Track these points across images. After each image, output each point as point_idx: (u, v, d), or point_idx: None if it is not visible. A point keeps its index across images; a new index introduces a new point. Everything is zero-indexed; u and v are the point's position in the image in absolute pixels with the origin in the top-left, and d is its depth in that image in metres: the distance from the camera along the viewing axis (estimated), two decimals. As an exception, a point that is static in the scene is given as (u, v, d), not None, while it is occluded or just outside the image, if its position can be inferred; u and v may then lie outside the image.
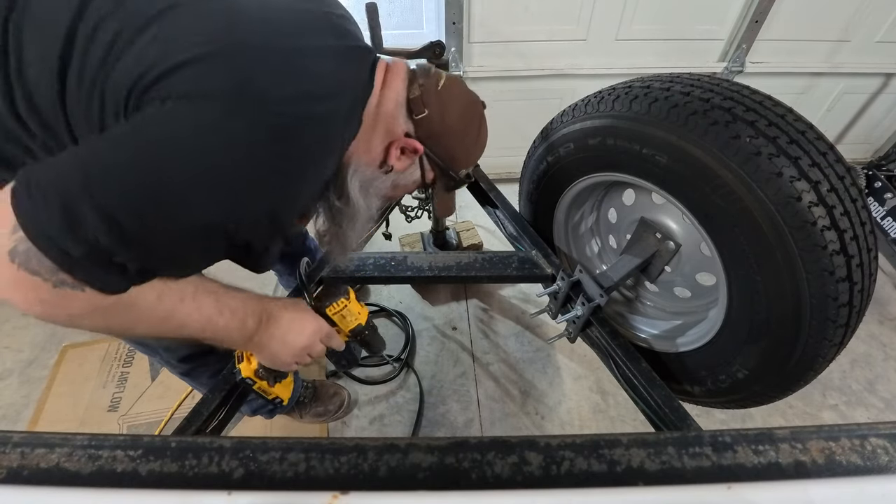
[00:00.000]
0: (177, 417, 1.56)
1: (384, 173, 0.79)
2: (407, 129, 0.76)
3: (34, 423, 1.53)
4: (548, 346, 1.81)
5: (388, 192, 0.84)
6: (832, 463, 0.38)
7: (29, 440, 0.39)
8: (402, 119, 0.75)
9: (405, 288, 1.99)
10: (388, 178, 0.80)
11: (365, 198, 0.79)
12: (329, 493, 0.35)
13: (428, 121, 0.76)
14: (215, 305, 0.67)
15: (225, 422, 0.90)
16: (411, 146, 0.77)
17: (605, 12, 1.93)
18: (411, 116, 0.76)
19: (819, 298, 0.75)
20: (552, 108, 1.26)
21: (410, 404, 1.62)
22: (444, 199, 0.98)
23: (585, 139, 1.00)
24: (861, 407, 1.66)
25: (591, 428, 1.58)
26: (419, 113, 0.75)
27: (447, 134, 0.80)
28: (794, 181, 0.72)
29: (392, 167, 0.79)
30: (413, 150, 0.78)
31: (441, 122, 0.77)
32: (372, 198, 0.80)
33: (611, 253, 1.31)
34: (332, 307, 0.84)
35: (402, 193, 0.91)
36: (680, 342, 1.06)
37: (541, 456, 0.38)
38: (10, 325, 1.81)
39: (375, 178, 0.79)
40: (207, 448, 0.39)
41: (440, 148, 0.81)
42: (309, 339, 0.80)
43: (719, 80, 0.87)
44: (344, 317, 0.86)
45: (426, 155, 0.81)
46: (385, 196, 0.85)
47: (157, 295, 0.60)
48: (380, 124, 0.74)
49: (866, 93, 2.37)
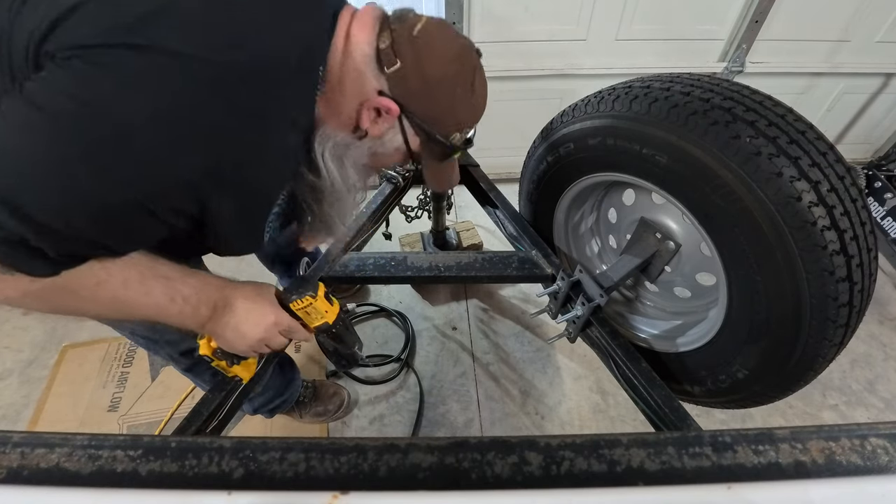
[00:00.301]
0: (177, 417, 1.56)
1: (358, 139, 0.70)
2: (379, 86, 0.65)
3: (34, 423, 1.53)
4: (548, 346, 1.81)
5: (367, 161, 0.75)
6: (832, 463, 0.38)
7: (29, 440, 0.39)
8: (371, 74, 0.65)
9: (405, 288, 1.99)
10: (364, 145, 0.71)
11: (339, 168, 0.71)
12: (329, 493, 0.35)
13: (402, 75, 0.64)
14: (165, 292, 0.63)
15: (225, 422, 0.90)
16: (385, 106, 0.66)
17: (605, 12, 1.93)
18: (382, 70, 0.64)
19: (819, 298, 0.75)
20: (552, 108, 1.26)
21: (410, 404, 1.62)
22: (437, 170, 0.83)
23: (585, 139, 1.00)
24: (861, 407, 1.66)
25: (591, 428, 1.58)
26: (390, 65, 0.64)
27: (428, 89, 0.66)
28: (794, 181, 0.72)
29: (366, 132, 0.69)
30: (388, 111, 0.67)
31: (419, 75, 0.64)
32: (348, 168, 0.72)
33: (611, 253, 1.31)
34: (296, 303, 0.79)
35: (384, 163, 0.80)
36: (680, 342, 1.06)
37: (541, 456, 0.38)
38: (10, 325, 1.81)
39: (349, 145, 0.70)
40: (207, 448, 0.39)
41: (421, 107, 0.68)
42: (266, 331, 0.75)
43: (719, 80, 0.87)
44: (308, 314, 0.81)
45: (406, 116, 0.69)
46: (364, 167, 0.76)
47: (96, 280, 0.57)
48: (347, 82, 0.65)
49: (866, 93, 2.37)
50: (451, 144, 0.74)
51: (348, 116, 0.68)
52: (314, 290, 0.79)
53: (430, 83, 0.66)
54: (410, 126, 0.71)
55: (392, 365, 1.72)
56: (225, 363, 0.82)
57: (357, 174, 0.75)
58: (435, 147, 0.74)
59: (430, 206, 1.83)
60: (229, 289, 0.72)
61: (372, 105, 0.67)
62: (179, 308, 0.65)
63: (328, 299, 0.82)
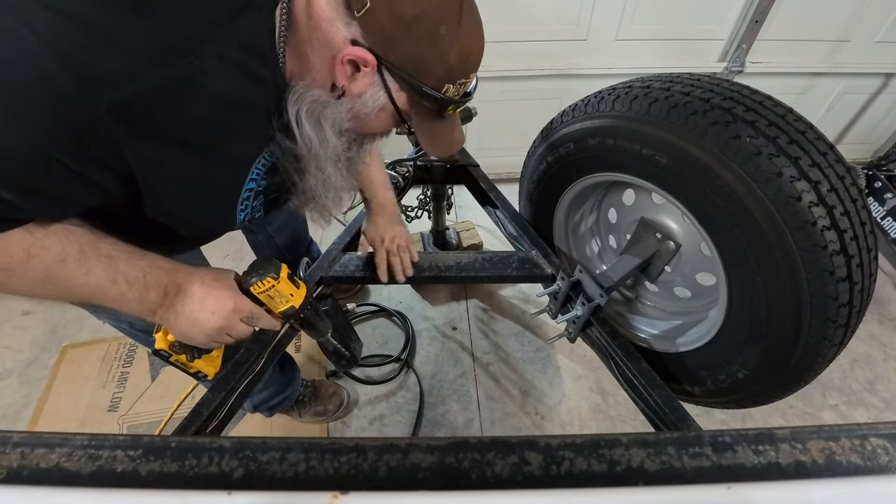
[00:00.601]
0: (177, 417, 1.56)
1: (336, 98, 0.63)
2: (351, 34, 0.58)
3: (34, 423, 1.53)
4: (548, 346, 1.81)
5: (348, 123, 0.67)
6: (832, 463, 0.38)
7: (29, 440, 0.39)
8: (341, 21, 0.57)
9: (405, 288, 1.99)
10: (343, 104, 0.64)
11: (317, 131, 0.64)
12: (329, 493, 0.35)
13: (373, 17, 0.56)
14: (107, 273, 0.58)
15: (225, 422, 0.90)
16: (360, 58, 0.58)
17: (605, 12, 1.94)
18: (353, 15, 0.57)
19: (819, 298, 0.75)
20: (552, 108, 1.26)
21: (410, 404, 1.62)
22: (430, 131, 0.71)
23: (585, 139, 1.00)
24: (861, 407, 1.66)
25: (591, 428, 1.58)
26: (360, 7, 0.56)
27: (405, 31, 0.57)
28: (794, 181, 0.72)
29: (344, 90, 0.62)
30: (365, 64, 0.59)
31: (391, 14, 0.56)
32: (326, 132, 0.65)
33: (611, 253, 1.31)
34: (256, 286, 0.71)
35: (371, 128, 0.71)
36: (680, 342, 1.06)
37: (541, 456, 0.38)
38: (10, 325, 1.81)
39: (325, 104, 0.63)
40: (207, 448, 0.39)
41: (401, 54, 0.59)
42: (225, 319, 0.68)
43: (719, 80, 0.86)
44: (272, 297, 0.74)
45: (385, 68, 0.60)
46: (345, 130, 0.68)
47: (27, 254, 0.53)
48: (314, 32, 0.58)
49: (866, 93, 2.37)
50: (444, 97, 0.63)
51: (322, 73, 0.61)
52: (276, 272, 0.72)
53: (406, 22, 0.57)
54: (393, 80, 0.61)
55: (392, 365, 1.72)
56: (185, 357, 0.75)
57: (339, 140, 0.68)
58: (426, 102, 0.64)
59: (430, 205, 1.83)
60: (182, 273, 0.66)
61: (346, 57, 0.59)
62: (122, 290, 0.60)
63: (293, 281, 0.75)
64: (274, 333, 0.94)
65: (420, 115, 0.67)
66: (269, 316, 0.75)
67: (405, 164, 1.45)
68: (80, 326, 1.81)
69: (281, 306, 0.75)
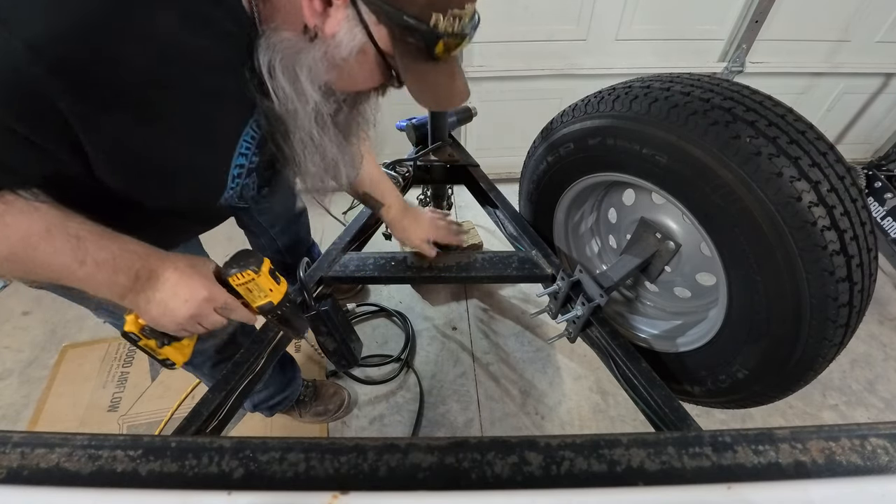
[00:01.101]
0: (177, 417, 1.56)
1: (309, 41, 0.56)
2: None
3: (34, 423, 1.53)
4: (548, 346, 1.81)
5: (327, 74, 0.59)
6: (832, 463, 0.38)
7: (29, 440, 0.39)
8: None
9: (405, 288, 1.99)
10: (316, 48, 0.57)
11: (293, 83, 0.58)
12: (329, 493, 0.35)
13: None
14: (74, 253, 0.55)
15: (225, 422, 0.90)
16: None
17: (605, 12, 1.94)
18: None
19: (819, 298, 0.75)
20: (552, 108, 1.26)
21: (410, 404, 1.62)
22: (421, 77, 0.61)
23: (585, 139, 1.00)
24: (861, 407, 1.66)
25: (591, 428, 1.58)
26: None
27: None
28: (794, 181, 0.72)
29: (317, 30, 0.55)
30: None
31: None
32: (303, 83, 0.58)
33: (611, 253, 1.31)
34: (235, 277, 0.70)
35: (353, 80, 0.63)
36: (680, 342, 1.06)
37: (541, 456, 0.38)
38: (10, 325, 1.81)
39: (298, 50, 0.57)
40: (207, 448, 0.39)
41: None
42: (198, 308, 0.65)
43: (719, 80, 0.86)
44: (250, 290, 0.73)
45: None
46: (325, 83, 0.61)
47: None
48: None
49: (866, 93, 2.37)
50: (433, 30, 0.54)
51: (291, 12, 0.55)
52: (258, 265, 0.70)
53: None
54: (369, 11, 0.53)
55: (392, 365, 1.72)
56: (154, 343, 0.73)
57: (321, 97, 0.61)
58: (411, 38, 0.55)
59: (430, 205, 1.83)
60: (156, 258, 0.62)
61: None
62: (89, 272, 0.57)
63: (274, 277, 0.73)
64: (274, 333, 0.94)
65: (407, 55, 0.57)
66: (244, 309, 0.73)
67: (405, 164, 1.45)
68: (80, 326, 1.81)
69: (258, 301, 0.74)
